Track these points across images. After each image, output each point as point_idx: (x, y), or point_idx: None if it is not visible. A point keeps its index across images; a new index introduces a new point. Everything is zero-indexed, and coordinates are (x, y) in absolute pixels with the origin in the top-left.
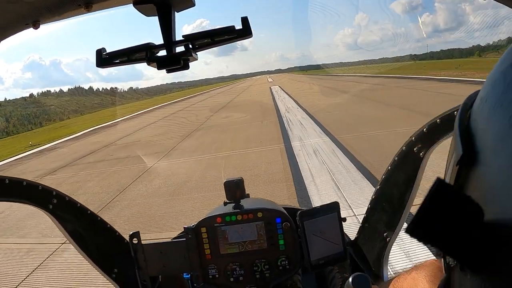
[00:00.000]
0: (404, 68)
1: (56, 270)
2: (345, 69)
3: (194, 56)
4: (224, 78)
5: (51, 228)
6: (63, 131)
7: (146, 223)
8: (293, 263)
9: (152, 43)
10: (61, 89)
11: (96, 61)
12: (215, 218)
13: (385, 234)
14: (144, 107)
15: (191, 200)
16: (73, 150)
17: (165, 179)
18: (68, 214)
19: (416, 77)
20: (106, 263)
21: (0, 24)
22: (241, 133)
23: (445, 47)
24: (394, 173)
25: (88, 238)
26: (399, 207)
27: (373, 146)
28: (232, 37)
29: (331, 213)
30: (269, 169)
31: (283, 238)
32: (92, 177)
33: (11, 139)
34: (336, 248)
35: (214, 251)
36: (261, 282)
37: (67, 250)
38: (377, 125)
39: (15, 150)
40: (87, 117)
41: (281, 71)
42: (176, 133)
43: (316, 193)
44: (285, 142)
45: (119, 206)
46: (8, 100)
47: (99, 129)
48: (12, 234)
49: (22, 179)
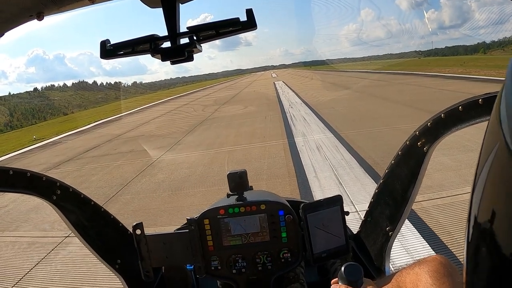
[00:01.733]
0: (409, 64)
1: (59, 263)
2: (349, 64)
3: (198, 48)
4: (229, 72)
5: (55, 222)
6: (67, 125)
7: (149, 217)
8: (296, 256)
9: (157, 34)
10: (65, 83)
11: (100, 52)
12: (218, 210)
13: (387, 228)
14: (149, 101)
15: (195, 194)
16: (77, 144)
17: (169, 173)
18: (72, 205)
19: (421, 74)
20: (109, 254)
21: (5, 15)
22: (244, 127)
23: (450, 44)
24: (398, 167)
25: (91, 229)
26: (401, 202)
27: (376, 142)
28: (237, 29)
29: (334, 206)
30: (272, 164)
31: (285, 231)
32: (96, 171)
33: (15, 133)
34: (338, 242)
35: (217, 242)
36: (263, 274)
37: (71, 243)
38: (380, 121)
39: (19, 144)
40: (91, 111)
41: (285, 66)
42: (180, 128)
43: (318, 188)
44: (288, 137)
45: (123, 200)
46: (12, 94)
47: (103, 124)
48: (16, 227)
49: (26, 170)
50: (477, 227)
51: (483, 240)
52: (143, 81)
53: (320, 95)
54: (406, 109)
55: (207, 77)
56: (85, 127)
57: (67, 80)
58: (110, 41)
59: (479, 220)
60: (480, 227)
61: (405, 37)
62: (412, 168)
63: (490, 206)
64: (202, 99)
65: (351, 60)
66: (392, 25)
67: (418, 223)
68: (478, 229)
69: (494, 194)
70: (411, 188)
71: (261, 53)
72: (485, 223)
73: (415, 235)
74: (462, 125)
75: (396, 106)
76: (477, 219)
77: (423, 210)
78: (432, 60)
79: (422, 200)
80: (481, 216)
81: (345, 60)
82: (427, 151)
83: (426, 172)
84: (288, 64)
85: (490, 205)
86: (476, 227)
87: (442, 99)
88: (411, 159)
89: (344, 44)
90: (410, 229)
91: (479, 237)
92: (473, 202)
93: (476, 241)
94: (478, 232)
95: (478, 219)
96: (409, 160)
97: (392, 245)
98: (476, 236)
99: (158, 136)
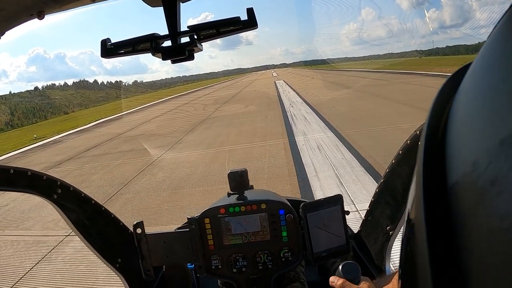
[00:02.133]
0: (410, 63)
1: (60, 262)
2: (350, 63)
3: (199, 47)
4: (230, 71)
5: (55, 220)
6: (67, 124)
7: (150, 216)
8: (296, 255)
9: (157, 33)
10: (65, 82)
11: (101, 51)
12: (219, 209)
13: (388, 227)
14: (149, 100)
15: (195, 193)
16: (78, 143)
17: (170, 172)
18: (73, 204)
19: (422, 73)
20: (110, 253)
21: (5, 14)
22: (245, 127)
23: (451, 43)
24: (398, 166)
25: (92, 228)
26: (402, 201)
27: (377, 141)
28: (238, 28)
29: (334, 205)
30: (272, 163)
31: (286, 230)
32: (97, 170)
33: (16, 132)
34: (339, 241)
35: (217, 242)
36: (263, 273)
37: (71, 242)
38: (381, 120)
39: (20, 143)
40: (92, 110)
41: (286, 65)
42: (181, 127)
43: (319, 187)
44: (289, 136)
45: (123, 199)
46: (13, 93)
47: (103, 123)
48: (17, 226)
49: (27, 169)
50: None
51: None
52: (143, 80)
53: (321, 94)
54: (407, 109)
55: (208, 76)
56: (86, 126)
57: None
58: (110, 40)
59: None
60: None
61: (406, 36)
62: (413, 168)
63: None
64: (202, 98)
65: (352, 59)
66: (393, 25)
67: None
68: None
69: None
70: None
71: (262, 52)
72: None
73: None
74: None
75: (397, 105)
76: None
77: None
78: (433, 60)
79: None
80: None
81: (346, 59)
82: None
83: None
84: (289, 63)
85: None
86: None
87: None
88: (412, 159)
89: (345, 43)
90: None
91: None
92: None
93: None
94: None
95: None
96: (410, 160)
97: (392, 244)
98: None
99: (159, 135)
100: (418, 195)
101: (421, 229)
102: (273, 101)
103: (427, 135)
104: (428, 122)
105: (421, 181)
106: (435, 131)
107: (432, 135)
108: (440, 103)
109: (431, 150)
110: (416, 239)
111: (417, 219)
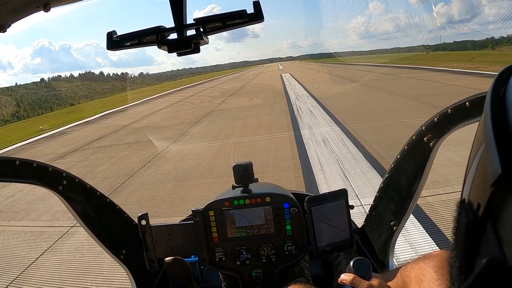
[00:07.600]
0: (417, 58)
1: (65, 253)
2: (357, 57)
3: (205, 40)
4: (236, 64)
5: (61, 212)
6: (73, 116)
7: (154, 207)
8: (300, 249)
9: (163, 26)
10: (71, 74)
11: (106, 43)
12: (223, 202)
13: (392, 223)
14: (155, 92)
15: (200, 185)
16: (83, 134)
17: (175, 164)
18: (78, 195)
19: (429, 68)
20: (114, 244)
21: (11, 6)
22: (251, 119)
23: (458, 39)
24: (403, 162)
25: (97, 219)
26: (406, 197)
27: (383, 136)
28: (244, 21)
29: (339, 200)
30: (277, 156)
31: (290, 224)
32: (102, 161)
33: (22, 123)
34: (343, 235)
35: (221, 234)
36: (267, 267)
37: (76, 233)
38: (387, 115)
39: (26, 134)
40: (98, 102)
41: (292, 59)
42: (186, 119)
43: (324, 181)
44: (294, 130)
45: (128, 191)
46: (19, 85)
47: (109, 114)
48: (23, 217)
49: (33, 160)
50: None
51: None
52: (149, 72)
53: (327, 88)
54: (413, 104)
55: (214, 68)
56: (92, 117)
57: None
58: (116, 32)
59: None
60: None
61: (413, 31)
62: (418, 163)
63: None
64: (208, 91)
65: (359, 53)
66: (400, 19)
67: (423, 218)
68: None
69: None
70: (417, 183)
71: (268, 45)
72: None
73: (420, 230)
74: (469, 121)
75: (403, 100)
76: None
77: (428, 205)
78: (440, 55)
79: (427, 195)
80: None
81: (353, 53)
82: (433, 146)
83: (432, 167)
84: (295, 57)
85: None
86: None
87: (449, 94)
88: (417, 154)
89: (352, 37)
90: (414, 224)
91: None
92: (463, 197)
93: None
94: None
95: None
96: (415, 155)
97: (396, 239)
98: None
99: (164, 127)
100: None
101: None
102: (279, 94)
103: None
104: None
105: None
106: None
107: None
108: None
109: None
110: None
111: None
